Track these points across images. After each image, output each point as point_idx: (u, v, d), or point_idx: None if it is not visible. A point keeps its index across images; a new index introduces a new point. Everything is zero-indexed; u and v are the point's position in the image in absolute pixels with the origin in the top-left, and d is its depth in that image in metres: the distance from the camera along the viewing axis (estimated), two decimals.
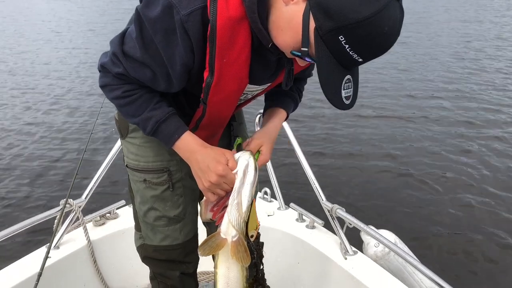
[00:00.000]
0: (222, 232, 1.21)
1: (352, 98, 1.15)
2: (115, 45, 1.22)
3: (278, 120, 1.53)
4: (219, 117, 1.42)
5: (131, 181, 1.58)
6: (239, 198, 1.21)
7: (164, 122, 1.29)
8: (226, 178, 1.24)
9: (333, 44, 1.02)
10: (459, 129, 6.57)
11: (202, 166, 1.27)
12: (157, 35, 1.14)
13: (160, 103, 1.30)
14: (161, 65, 1.19)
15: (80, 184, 3.22)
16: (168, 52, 1.16)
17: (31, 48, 13.29)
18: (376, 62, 10.52)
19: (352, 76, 1.13)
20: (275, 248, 2.32)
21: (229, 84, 1.25)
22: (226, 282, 1.25)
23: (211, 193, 1.29)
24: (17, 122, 6.99)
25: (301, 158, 2.33)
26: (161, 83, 1.24)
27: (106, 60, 1.25)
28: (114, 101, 1.31)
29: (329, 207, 2.13)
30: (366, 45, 1.02)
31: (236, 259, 1.20)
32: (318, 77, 1.08)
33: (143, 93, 1.28)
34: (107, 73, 1.27)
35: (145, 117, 1.28)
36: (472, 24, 17.60)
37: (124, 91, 1.27)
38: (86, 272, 2.29)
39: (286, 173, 4.91)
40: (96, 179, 2.25)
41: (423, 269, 1.72)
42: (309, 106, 7.51)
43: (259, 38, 1.17)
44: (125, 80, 1.26)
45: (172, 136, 1.30)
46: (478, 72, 9.92)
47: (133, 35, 1.17)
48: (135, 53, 1.18)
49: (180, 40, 1.13)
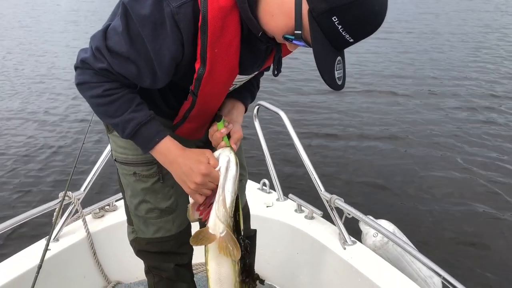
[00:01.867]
0: (211, 229, 1.22)
1: (342, 78, 1.17)
2: (98, 39, 1.18)
3: (240, 112, 1.53)
4: (209, 108, 1.41)
5: (121, 175, 1.56)
6: (223, 194, 1.22)
7: (145, 125, 1.26)
8: (210, 176, 1.24)
9: (327, 25, 1.03)
10: (461, 115, 6.58)
11: (184, 169, 1.27)
12: (144, 29, 1.11)
13: (141, 105, 1.27)
14: (147, 60, 1.16)
15: (78, 177, 3.22)
16: (156, 46, 1.14)
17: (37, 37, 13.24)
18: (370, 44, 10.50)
19: (341, 57, 1.14)
20: (274, 239, 2.33)
21: (221, 75, 1.24)
22: (218, 277, 1.26)
23: (198, 195, 1.29)
24: (15, 114, 6.98)
25: (300, 149, 2.33)
26: (146, 79, 1.22)
27: (88, 56, 1.20)
28: (92, 99, 1.26)
29: (327, 197, 2.13)
30: (358, 25, 1.04)
31: (224, 253, 1.20)
32: (315, 59, 1.09)
33: (124, 94, 1.24)
34: (86, 69, 1.22)
35: (125, 119, 1.24)
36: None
37: (104, 89, 1.22)
38: (86, 264, 2.30)
39: (285, 164, 4.92)
40: (94, 171, 2.25)
41: (422, 258, 1.73)
42: (307, 97, 7.52)
43: (249, 27, 1.17)
44: (106, 77, 1.22)
45: (152, 140, 1.28)
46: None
47: (119, 29, 1.14)
48: (120, 48, 1.15)
49: (170, 33, 1.12)
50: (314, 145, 5.63)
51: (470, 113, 6.70)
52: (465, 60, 10.25)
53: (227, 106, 1.50)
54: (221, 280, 1.26)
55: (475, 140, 5.76)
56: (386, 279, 1.88)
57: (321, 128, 6.25)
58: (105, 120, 1.32)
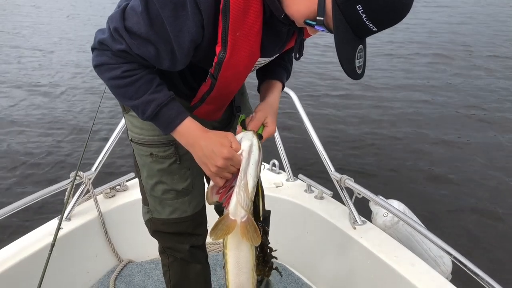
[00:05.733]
0: (231, 214, 1.20)
1: (362, 67, 1.14)
2: (116, 20, 1.14)
3: (277, 92, 1.51)
4: (228, 92, 1.39)
5: (137, 155, 1.55)
6: (245, 178, 1.21)
7: (166, 105, 1.24)
8: (232, 160, 1.22)
9: (351, 13, 1.01)
10: (473, 99, 6.49)
11: (206, 152, 1.25)
12: (165, 10, 1.09)
13: (160, 85, 1.25)
14: (166, 41, 1.14)
15: (89, 157, 3.25)
16: (176, 28, 1.11)
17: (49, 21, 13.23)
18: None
19: (363, 46, 1.12)
20: (284, 218, 2.34)
21: (242, 58, 1.22)
22: (237, 261, 1.25)
23: (219, 178, 1.27)
24: (26, 97, 7.02)
25: (310, 130, 2.32)
26: (164, 61, 1.19)
27: (105, 37, 1.17)
28: (111, 81, 1.23)
29: (337, 177, 2.12)
30: (383, 15, 1.01)
31: (246, 239, 1.19)
32: (336, 47, 1.06)
33: (143, 75, 1.22)
34: (104, 51, 1.20)
35: (145, 100, 1.22)
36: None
37: (123, 71, 1.20)
38: (97, 243, 2.33)
39: (295, 145, 4.91)
40: (105, 151, 2.26)
41: (432, 237, 1.72)
42: (318, 78, 7.46)
43: (271, 9, 1.15)
44: (125, 58, 1.19)
45: (173, 121, 1.26)
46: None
47: (138, 10, 1.12)
48: (139, 29, 1.13)
49: (190, 14, 1.10)
50: (324, 127, 5.60)
51: (486, 99, 6.60)
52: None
53: (263, 91, 1.49)
54: (240, 264, 1.25)
55: (490, 124, 5.69)
56: (396, 259, 1.88)
57: (332, 108, 6.21)
58: (124, 102, 1.29)
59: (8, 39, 11.37)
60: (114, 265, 2.42)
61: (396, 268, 1.84)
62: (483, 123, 5.67)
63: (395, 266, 1.85)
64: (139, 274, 2.38)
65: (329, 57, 8.63)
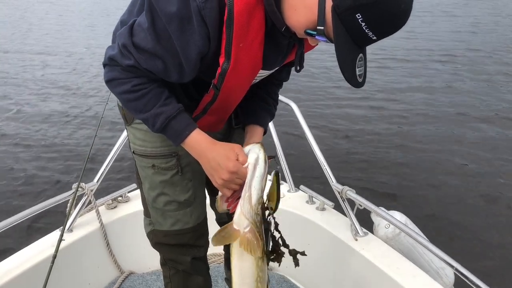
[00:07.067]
0: (235, 223, 1.22)
1: (363, 76, 1.16)
2: (124, 37, 1.18)
3: (259, 138, 1.54)
4: (230, 103, 1.41)
5: (139, 167, 1.56)
6: (250, 191, 1.22)
7: (175, 118, 1.27)
8: (237, 173, 1.24)
9: (350, 22, 1.02)
10: (475, 112, 6.49)
11: (213, 165, 1.27)
12: (171, 25, 1.11)
13: (169, 98, 1.28)
14: (173, 55, 1.16)
15: (92, 168, 3.25)
16: (183, 41, 1.13)
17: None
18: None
19: (363, 54, 1.13)
20: (285, 230, 2.31)
21: (245, 69, 1.24)
22: (240, 270, 1.26)
23: (225, 189, 1.29)
24: (27, 109, 7.04)
25: (311, 141, 2.32)
26: (172, 74, 1.22)
27: (115, 53, 1.21)
28: (122, 95, 1.27)
29: (339, 188, 2.13)
30: (382, 23, 1.02)
31: (245, 249, 1.21)
32: (336, 56, 1.08)
33: (152, 88, 1.25)
34: (115, 66, 1.24)
35: (154, 113, 1.25)
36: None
37: (133, 85, 1.23)
38: (99, 254, 2.33)
39: (296, 156, 4.90)
40: (107, 163, 2.27)
41: (434, 249, 1.72)
42: (318, 89, 7.47)
43: (272, 21, 1.16)
44: (134, 73, 1.23)
45: (182, 133, 1.28)
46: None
47: (144, 26, 1.15)
48: (146, 44, 1.16)
49: (197, 28, 1.11)
50: (325, 137, 5.60)
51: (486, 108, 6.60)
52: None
53: (245, 135, 1.53)
54: (243, 275, 1.26)
55: (491, 135, 5.68)
56: (398, 270, 1.87)
57: (333, 120, 6.21)
58: (136, 115, 1.33)
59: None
60: (115, 277, 2.42)
61: (398, 280, 1.83)
62: (489, 135, 5.67)
63: (397, 278, 1.84)
64: (140, 286, 2.38)
65: (329, 67, 8.67)
